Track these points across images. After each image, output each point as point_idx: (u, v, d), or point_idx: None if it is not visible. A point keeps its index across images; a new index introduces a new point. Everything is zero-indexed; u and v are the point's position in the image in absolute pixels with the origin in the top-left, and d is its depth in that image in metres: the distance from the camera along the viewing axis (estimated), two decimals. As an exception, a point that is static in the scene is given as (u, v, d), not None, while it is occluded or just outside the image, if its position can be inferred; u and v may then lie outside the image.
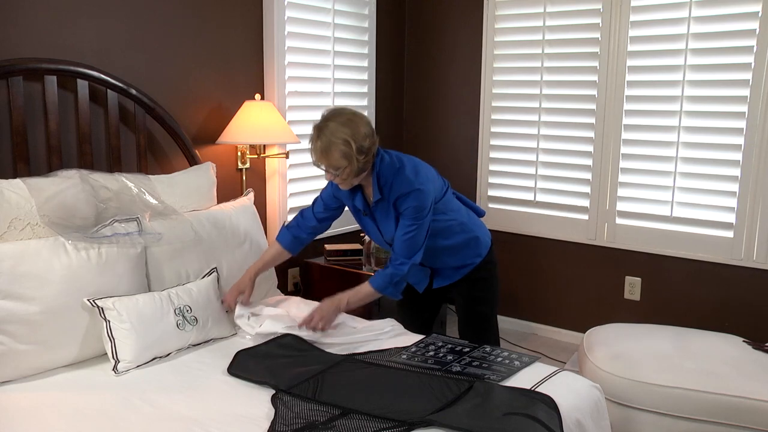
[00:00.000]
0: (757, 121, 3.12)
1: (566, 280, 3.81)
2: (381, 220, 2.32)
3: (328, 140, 2.13)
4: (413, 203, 2.19)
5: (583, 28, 3.53)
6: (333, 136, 2.12)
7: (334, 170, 2.17)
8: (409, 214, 2.20)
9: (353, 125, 2.15)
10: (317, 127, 2.18)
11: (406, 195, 2.19)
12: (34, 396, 1.89)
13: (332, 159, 2.14)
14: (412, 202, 2.19)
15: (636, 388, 2.41)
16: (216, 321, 2.34)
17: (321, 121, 2.18)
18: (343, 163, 2.14)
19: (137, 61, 2.74)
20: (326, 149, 2.14)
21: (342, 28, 3.58)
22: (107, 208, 2.34)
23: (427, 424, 1.70)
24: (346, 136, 2.12)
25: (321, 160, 2.17)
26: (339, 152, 2.12)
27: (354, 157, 2.13)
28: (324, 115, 2.20)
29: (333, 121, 2.15)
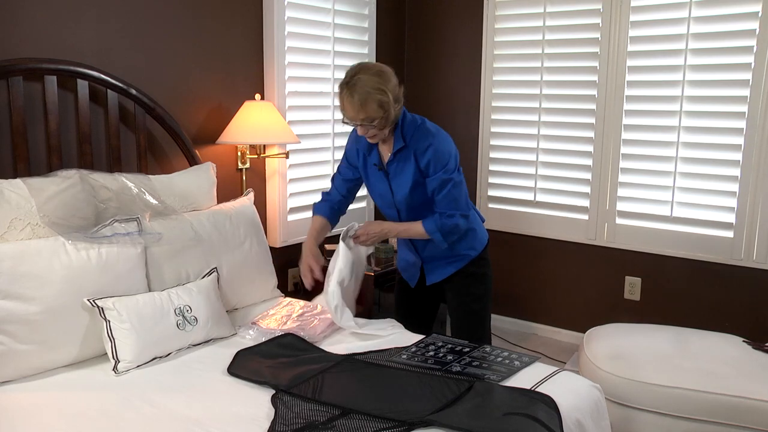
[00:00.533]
0: (757, 121, 3.12)
1: (566, 280, 3.81)
2: (395, 176, 2.35)
3: (364, 92, 2.15)
4: (436, 155, 2.24)
5: (583, 28, 3.53)
6: (368, 87, 2.15)
7: (370, 122, 2.19)
8: (435, 167, 2.25)
9: (384, 76, 2.20)
10: (346, 83, 2.18)
11: (428, 146, 2.25)
12: (34, 396, 1.89)
13: (370, 110, 2.17)
14: (435, 153, 2.24)
15: (636, 388, 2.41)
16: (216, 321, 2.34)
17: (349, 77, 2.18)
18: (380, 113, 2.18)
19: (137, 61, 2.74)
20: (363, 101, 2.15)
21: (342, 28, 3.58)
22: (107, 208, 2.34)
23: (427, 424, 1.70)
24: (381, 85, 2.16)
25: (359, 113, 2.18)
26: (376, 102, 2.16)
27: (391, 105, 2.19)
28: (350, 71, 2.20)
29: (363, 74, 2.17)
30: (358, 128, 2.24)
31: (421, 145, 2.27)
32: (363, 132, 2.24)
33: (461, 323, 2.49)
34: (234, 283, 2.60)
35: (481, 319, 2.49)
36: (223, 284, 2.54)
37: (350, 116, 2.21)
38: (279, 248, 3.38)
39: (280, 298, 2.80)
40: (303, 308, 2.57)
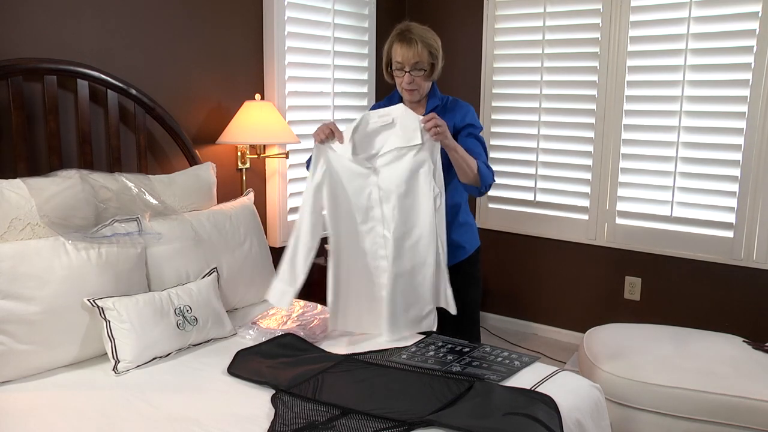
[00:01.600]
0: (757, 121, 3.12)
1: (566, 280, 3.81)
2: None
3: (420, 36, 2.25)
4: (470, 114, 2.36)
5: (583, 28, 3.53)
6: (424, 34, 2.27)
7: (418, 70, 2.28)
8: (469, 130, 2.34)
9: (434, 32, 2.32)
10: (401, 33, 2.28)
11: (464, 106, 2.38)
12: (34, 396, 1.89)
13: (423, 54, 2.26)
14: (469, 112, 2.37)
15: (636, 388, 2.41)
16: (216, 321, 2.34)
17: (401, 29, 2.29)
18: (430, 60, 2.28)
19: (137, 61, 2.74)
20: (420, 45, 2.24)
21: (342, 28, 3.58)
22: (107, 208, 2.34)
23: (427, 424, 1.70)
24: (433, 36, 2.30)
25: (413, 56, 2.25)
26: (428, 49, 2.27)
27: (439, 58, 2.31)
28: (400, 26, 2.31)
29: (416, 26, 2.29)
30: (405, 76, 2.29)
31: (456, 105, 2.39)
32: (407, 81, 2.29)
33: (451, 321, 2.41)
34: (234, 283, 2.60)
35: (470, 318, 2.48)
36: (223, 284, 2.54)
37: (401, 60, 2.26)
38: (279, 248, 3.38)
39: (280, 298, 2.79)
40: (303, 308, 2.57)
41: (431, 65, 2.31)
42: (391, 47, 2.33)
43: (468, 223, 2.50)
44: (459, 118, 2.37)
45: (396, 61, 2.31)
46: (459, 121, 2.37)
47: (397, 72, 2.33)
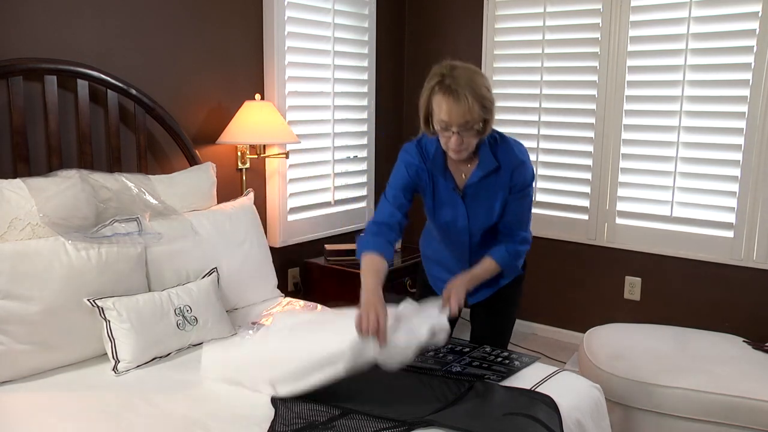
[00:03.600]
0: (757, 121, 3.12)
1: (566, 280, 3.81)
2: (474, 199, 2.05)
3: (469, 88, 1.80)
4: (525, 172, 2.01)
5: (583, 28, 3.53)
6: (473, 83, 1.81)
7: (468, 129, 1.85)
8: (521, 188, 2.02)
9: (480, 73, 1.88)
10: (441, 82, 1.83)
11: (520, 163, 2.00)
12: (34, 396, 1.89)
13: (473, 111, 1.83)
14: (525, 171, 2.01)
15: (636, 388, 2.41)
16: (216, 321, 2.34)
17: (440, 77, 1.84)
18: (482, 115, 1.85)
19: (137, 61, 2.74)
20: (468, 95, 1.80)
21: (342, 28, 3.58)
22: (107, 208, 2.34)
23: (427, 424, 1.70)
24: (484, 82, 1.83)
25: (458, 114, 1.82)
26: (479, 101, 1.82)
27: (493, 110, 1.88)
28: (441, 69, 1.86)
29: (461, 71, 1.83)
30: (453, 138, 1.87)
31: (514, 162, 1.99)
32: (455, 143, 1.87)
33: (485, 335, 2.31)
34: (234, 283, 2.60)
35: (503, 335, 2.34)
36: (223, 284, 2.54)
37: (447, 119, 1.84)
38: (279, 248, 3.38)
39: (280, 298, 2.80)
40: (303, 308, 2.57)
41: (484, 121, 1.88)
42: (430, 98, 1.88)
43: None
44: (518, 176, 2.01)
45: (441, 119, 1.86)
46: (518, 179, 2.02)
47: (443, 132, 1.89)
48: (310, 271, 3.46)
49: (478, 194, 2.06)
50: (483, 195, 2.06)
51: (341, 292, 3.32)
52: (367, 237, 2.04)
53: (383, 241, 2.01)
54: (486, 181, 2.03)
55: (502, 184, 2.03)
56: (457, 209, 2.10)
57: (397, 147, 4.19)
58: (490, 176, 2.02)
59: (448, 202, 2.10)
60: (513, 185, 2.03)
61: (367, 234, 2.05)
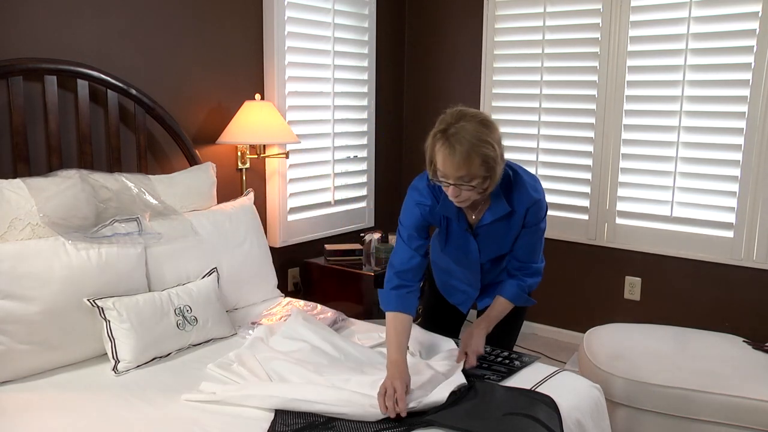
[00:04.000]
0: (757, 121, 3.12)
1: (566, 280, 3.81)
2: (485, 238, 2.04)
3: (467, 143, 1.73)
4: (538, 210, 1.98)
5: (583, 28, 3.53)
6: (475, 139, 1.74)
7: (469, 182, 1.78)
8: (533, 222, 2.00)
9: (489, 125, 1.79)
10: (444, 132, 1.77)
11: (533, 203, 1.96)
12: (34, 396, 1.89)
13: (473, 166, 1.75)
14: (537, 209, 1.98)
15: (636, 388, 2.40)
16: (216, 321, 2.34)
17: (447, 124, 1.78)
18: (483, 171, 1.77)
19: (137, 61, 2.74)
20: (467, 155, 1.73)
21: (342, 28, 3.58)
22: (107, 208, 2.34)
23: (427, 424, 1.70)
24: (486, 137, 1.76)
25: (459, 169, 1.76)
26: (481, 157, 1.75)
27: (498, 162, 1.79)
28: (448, 118, 1.80)
29: (466, 122, 1.77)
30: (450, 188, 1.81)
31: (527, 203, 1.96)
32: (454, 194, 1.81)
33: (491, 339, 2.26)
34: (234, 283, 2.60)
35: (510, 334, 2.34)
36: (223, 284, 2.54)
37: (446, 173, 1.78)
38: (279, 248, 3.38)
39: (280, 298, 2.80)
40: (303, 308, 2.57)
41: (485, 175, 1.79)
42: (434, 144, 1.81)
43: None
44: (532, 215, 1.99)
45: (438, 169, 1.81)
46: (531, 218, 1.99)
47: (442, 180, 1.82)
48: (310, 271, 3.46)
49: (489, 233, 2.04)
50: (495, 233, 2.04)
51: (341, 292, 3.32)
52: (388, 293, 1.99)
53: (405, 294, 1.98)
54: (499, 222, 2.00)
55: (516, 223, 2.01)
56: (469, 245, 2.08)
57: (396, 147, 4.21)
58: (504, 218, 1.99)
59: (460, 238, 2.08)
60: (527, 222, 2.01)
61: (388, 287, 2.00)
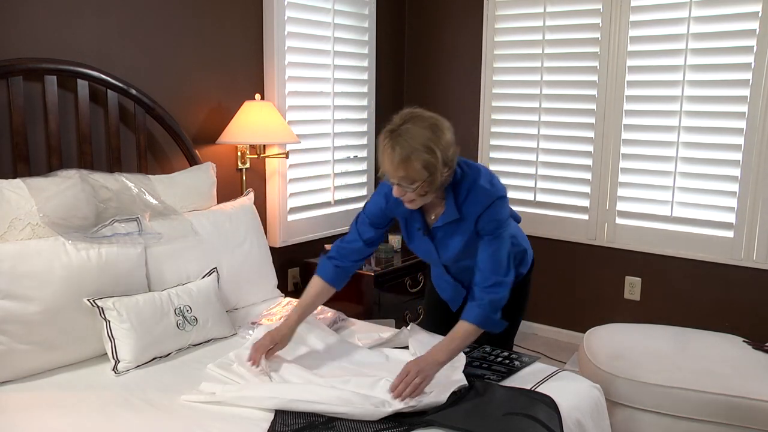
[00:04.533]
0: (757, 121, 3.12)
1: (566, 280, 3.81)
2: (444, 239, 2.05)
3: (408, 146, 1.77)
4: (495, 216, 1.92)
5: (583, 28, 3.53)
6: (415, 142, 1.78)
7: (410, 184, 1.82)
8: (490, 230, 1.93)
9: (438, 131, 1.82)
10: (391, 132, 1.82)
11: (488, 207, 1.92)
12: (34, 396, 1.89)
13: (411, 169, 1.79)
14: (494, 215, 1.92)
15: (636, 388, 2.40)
16: (216, 321, 2.34)
17: (396, 125, 1.83)
18: (423, 175, 1.80)
19: (137, 61, 2.74)
20: (406, 158, 1.77)
21: (342, 28, 3.58)
22: (107, 208, 2.34)
23: (427, 424, 1.70)
24: (430, 142, 1.79)
25: (397, 170, 1.80)
26: (421, 161, 1.78)
27: (438, 168, 1.81)
28: (398, 118, 1.85)
29: (413, 125, 1.81)
30: (394, 188, 1.87)
31: (478, 210, 1.93)
32: (399, 193, 1.86)
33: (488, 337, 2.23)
34: (234, 283, 2.60)
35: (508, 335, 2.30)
36: (223, 284, 2.54)
37: (387, 170, 1.84)
38: (279, 248, 3.38)
39: (280, 298, 2.80)
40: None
41: (425, 179, 1.81)
42: (381, 142, 1.84)
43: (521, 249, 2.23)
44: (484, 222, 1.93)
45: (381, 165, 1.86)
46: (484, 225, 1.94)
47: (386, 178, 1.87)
48: (310, 271, 3.43)
49: (445, 236, 2.04)
50: (450, 236, 2.03)
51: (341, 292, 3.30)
52: (324, 260, 2.14)
53: (333, 267, 2.11)
54: (450, 226, 2.01)
55: (467, 229, 1.99)
56: (428, 245, 2.10)
57: (397, 147, 4.20)
58: (454, 223, 2.00)
59: (418, 239, 2.11)
60: (480, 229, 1.96)
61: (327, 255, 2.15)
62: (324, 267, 2.13)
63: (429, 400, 1.78)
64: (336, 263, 2.11)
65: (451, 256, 2.08)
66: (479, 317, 1.90)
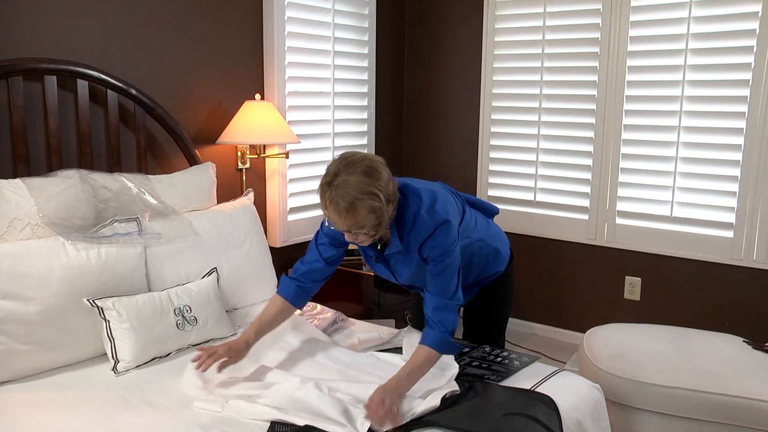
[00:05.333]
0: (757, 121, 3.12)
1: (566, 280, 3.81)
2: (396, 266, 2.07)
3: (351, 197, 1.75)
4: (439, 243, 1.91)
5: (583, 28, 3.53)
6: (356, 191, 1.75)
7: (359, 229, 1.81)
8: (435, 257, 1.92)
9: (373, 173, 1.79)
10: (329, 184, 1.79)
11: (430, 236, 1.90)
12: (34, 396, 1.89)
13: (359, 216, 1.77)
14: (438, 242, 1.90)
15: (636, 388, 2.40)
16: (216, 321, 2.34)
17: (331, 177, 1.79)
18: (371, 219, 1.79)
19: (137, 61, 2.74)
20: (350, 208, 1.76)
21: (342, 28, 3.58)
22: (107, 208, 2.34)
23: (427, 424, 1.70)
24: (370, 187, 1.77)
25: (345, 220, 1.79)
26: (366, 208, 1.77)
27: (384, 208, 1.79)
28: (332, 168, 1.81)
29: (348, 174, 1.77)
30: (345, 235, 1.87)
31: (419, 240, 1.93)
32: (351, 239, 1.86)
33: (476, 332, 2.33)
34: (234, 283, 2.60)
35: (496, 331, 2.35)
36: (223, 284, 2.54)
37: (334, 221, 1.82)
38: (279, 248, 3.38)
39: (280, 298, 2.79)
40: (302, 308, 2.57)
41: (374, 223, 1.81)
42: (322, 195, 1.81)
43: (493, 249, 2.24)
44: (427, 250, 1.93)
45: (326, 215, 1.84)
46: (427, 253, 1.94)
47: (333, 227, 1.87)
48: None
49: (397, 263, 2.05)
50: (401, 264, 2.04)
51: (341, 292, 3.32)
52: (288, 280, 2.11)
53: (296, 288, 2.10)
54: (399, 254, 2.02)
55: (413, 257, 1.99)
56: (384, 269, 2.11)
57: (396, 147, 4.21)
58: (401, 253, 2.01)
59: (373, 264, 2.12)
60: (426, 256, 1.95)
61: (290, 275, 2.13)
62: (285, 286, 2.11)
63: (422, 408, 1.76)
64: (298, 284, 2.10)
65: (406, 281, 2.11)
66: (436, 341, 1.89)
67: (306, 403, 1.74)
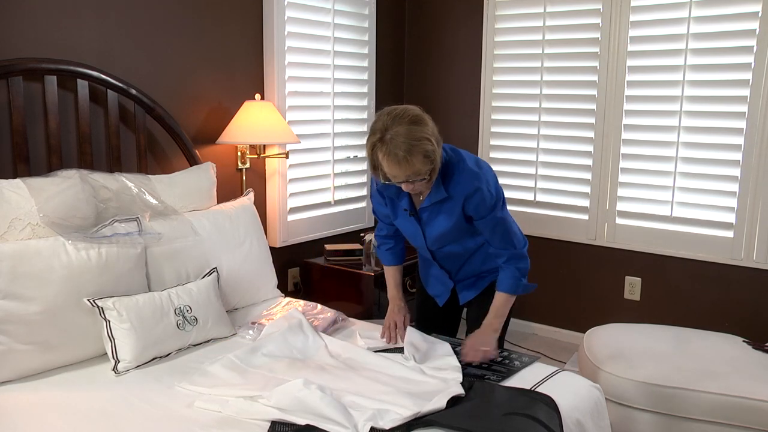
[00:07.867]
0: (757, 121, 3.12)
1: (566, 280, 3.81)
2: (429, 221, 2.13)
3: (407, 145, 1.84)
4: (483, 199, 2.00)
5: (583, 28, 3.53)
6: (410, 139, 1.85)
7: (417, 176, 1.90)
8: (484, 211, 2.02)
9: (420, 120, 1.90)
10: (381, 140, 1.88)
11: (475, 191, 1.99)
12: (34, 396, 1.89)
13: (417, 164, 1.87)
14: (482, 198, 2.00)
15: (636, 388, 2.41)
16: (216, 321, 2.34)
17: (381, 133, 1.88)
18: (428, 165, 1.89)
19: (137, 61, 2.74)
20: (408, 156, 1.85)
21: (342, 28, 3.58)
22: (107, 208, 2.34)
23: (427, 424, 1.70)
24: (420, 133, 1.87)
25: (405, 170, 1.87)
26: (422, 153, 1.86)
27: (437, 152, 1.91)
28: (379, 125, 1.90)
29: (400, 126, 1.87)
30: (403, 185, 1.95)
31: (466, 191, 2.00)
32: (409, 188, 1.96)
33: None
34: (234, 283, 2.60)
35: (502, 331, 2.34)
36: (223, 284, 2.54)
37: (393, 174, 1.90)
38: (279, 248, 3.38)
39: (280, 298, 2.80)
40: (303, 308, 2.57)
41: (430, 167, 1.91)
42: (373, 151, 1.92)
43: None
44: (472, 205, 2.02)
45: (386, 175, 1.94)
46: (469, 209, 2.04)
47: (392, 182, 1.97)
48: (310, 271, 3.46)
49: (431, 217, 2.12)
50: (436, 218, 2.11)
51: (341, 292, 3.32)
52: (382, 252, 2.39)
53: (387, 251, 2.38)
54: (437, 206, 2.09)
55: (454, 210, 2.06)
56: (414, 227, 2.19)
57: (397, 147, 4.19)
58: (441, 203, 2.07)
59: (405, 220, 2.20)
60: (473, 213, 2.04)
61: (380, 248, 2.40)
62: (383, 257, 2.39)
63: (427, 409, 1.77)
64: (386, 248, 2.37)
65: (436, 237, 2.15)
66: (512, 287, 2.13)
67: (308, 403, 1.74)
